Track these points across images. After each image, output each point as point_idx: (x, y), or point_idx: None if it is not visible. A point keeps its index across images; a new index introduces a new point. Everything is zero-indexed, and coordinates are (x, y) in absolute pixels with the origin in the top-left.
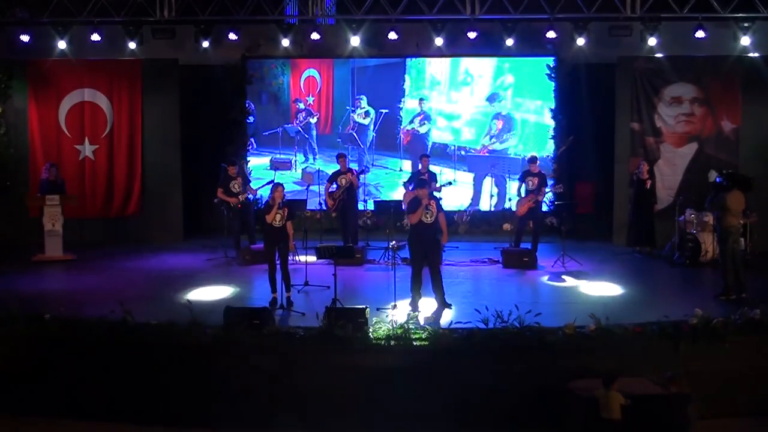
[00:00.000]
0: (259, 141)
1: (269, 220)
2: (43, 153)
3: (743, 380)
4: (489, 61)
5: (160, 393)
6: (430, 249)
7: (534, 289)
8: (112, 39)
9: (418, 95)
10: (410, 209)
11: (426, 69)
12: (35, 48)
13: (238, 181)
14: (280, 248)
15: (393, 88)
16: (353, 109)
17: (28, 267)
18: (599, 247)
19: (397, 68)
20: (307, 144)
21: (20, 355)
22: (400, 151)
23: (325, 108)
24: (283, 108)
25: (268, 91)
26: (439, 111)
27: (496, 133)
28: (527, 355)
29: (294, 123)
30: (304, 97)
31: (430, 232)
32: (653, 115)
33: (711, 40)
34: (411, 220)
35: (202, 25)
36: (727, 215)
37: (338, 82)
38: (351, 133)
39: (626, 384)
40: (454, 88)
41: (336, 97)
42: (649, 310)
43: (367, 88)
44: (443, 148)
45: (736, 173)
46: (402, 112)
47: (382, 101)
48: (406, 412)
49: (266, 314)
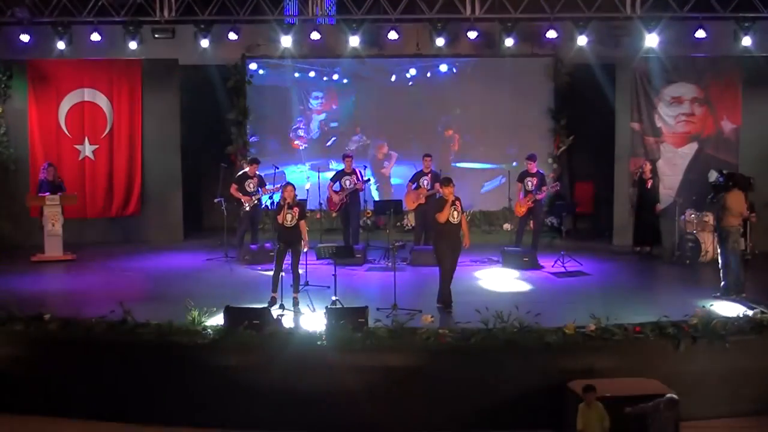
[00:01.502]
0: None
1: (280, 221)
2: (43, 153)
3: (743, 380)
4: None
5: (159, 393)
6: (457, 249)
7: (534, 289)
8: (112, 39)
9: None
10: (436, 208)
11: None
12: (35, 48)
13: (254, 180)
14: (293, 248)
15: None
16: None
17: (28, 267)
18: (599, 247)
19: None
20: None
21: (20, 355)
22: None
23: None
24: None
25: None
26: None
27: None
28: (527, 355)
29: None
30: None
31: (456, 231)
32: (653, 115)
33: (711, 40)
34: (439, 219)
35: (202, 25)
36: (727, 215)
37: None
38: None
39: (621, 384)
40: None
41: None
42: (649, 310)
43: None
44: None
45: (736, 173)
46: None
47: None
48: (406, 412)
49: (266, 314)
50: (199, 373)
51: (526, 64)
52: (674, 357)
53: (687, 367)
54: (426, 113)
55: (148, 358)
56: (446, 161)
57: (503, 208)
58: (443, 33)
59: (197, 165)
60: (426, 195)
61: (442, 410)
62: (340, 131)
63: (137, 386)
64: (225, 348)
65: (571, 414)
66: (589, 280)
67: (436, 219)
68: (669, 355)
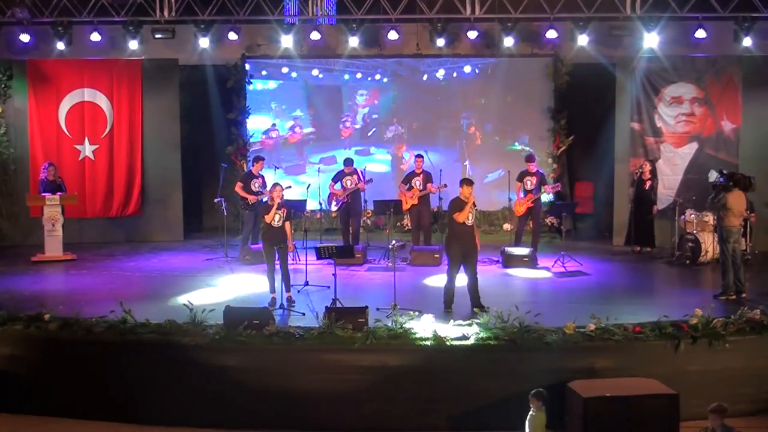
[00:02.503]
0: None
1: (268, 220)
2: (43, 153)
3: (743, 380)
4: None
5: (159, 393)
6: (471, 250)
7: (534, 289)
8: (112, 39)
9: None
10: (455, 208)
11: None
12: (35, 48)
13: (259, 180)
14: (280, 248)
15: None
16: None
17: (28, 267)
18: (599, 247)
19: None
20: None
21: (20, 355)
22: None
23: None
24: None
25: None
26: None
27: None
28: (527, 355)
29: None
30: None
31: (471, 233)
32: (653, 115)
33: (711, 40)
34: (458, 219)
35: (202, 25)
36: (728, 215)
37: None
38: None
39: (621, 384)
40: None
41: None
42: (649, 310)
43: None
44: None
45: (736, 173)
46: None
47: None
48: (406, 412)
49: (266, 314)
50: (199, 373)
51: (530, 63)
52: (674, 357)
53: (687, 367)
54: (451, 108)
55: (148, 358)
56: (472, 155)
57: (503, 208)
58: (443, 33)
59: (197, 165)
60: (418, 196)
61: (441, 410)
62: (379, 122)
63: (137, 386)
64: (225, 348)
65: (571, 414)
66: (589, 280)
67: (452, 219)
68: (669, 355)
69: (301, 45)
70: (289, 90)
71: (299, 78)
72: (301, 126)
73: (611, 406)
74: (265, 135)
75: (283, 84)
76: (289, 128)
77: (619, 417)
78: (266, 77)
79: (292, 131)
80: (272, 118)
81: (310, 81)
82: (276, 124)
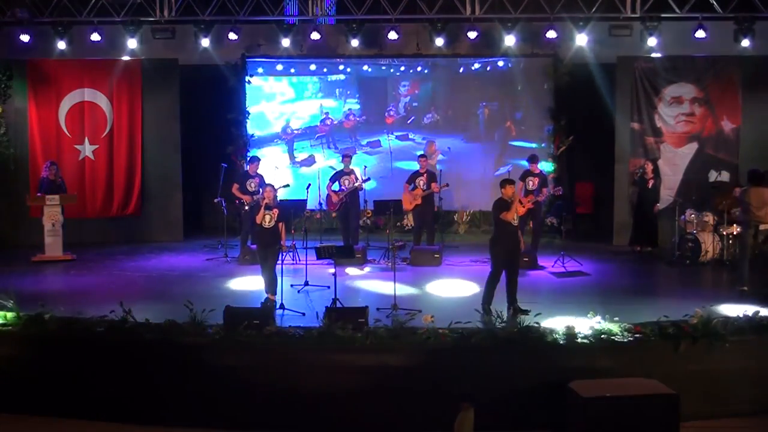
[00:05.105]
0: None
1: (258, 221)
2: (43, 153)
3: (743, 380)
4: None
5: (159, 393)
6: (516, 250)
7: (534, 289)
8: (112, 39)
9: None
10: (502, 208)
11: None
12: (35, 48)
13: (255, 180)
14: (269, 250)
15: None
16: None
17: (28, 267)
18: (599, 247)
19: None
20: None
21: (20, 355)
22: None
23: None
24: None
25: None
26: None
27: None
28: (527, 355)
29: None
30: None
31: (516, 233)
32: (653, 115)
33: (711, 40)
34: (506, 218)
35: (202, 25)
36: (749, 209)
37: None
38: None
39: (621, 384)
40: None
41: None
42: (649, 310)
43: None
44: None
45: (752, 170)
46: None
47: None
48: (405, 412)
49: (266, 314)
50: (199, 373)
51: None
52: (674, 357)
53: (687, 367)
54: (486, 99)
55: (148, 358)
56: (504, 146)
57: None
58: (443, 33)
59: (197, 165)
60: (422, 195)
61: (441, 410)
62: (418, 110)
63: (137, 386)
64: (225, 348)
65: (571, 414)
66: (589, 280)
67: (499, 219)
68: (669, 355)
69: (301, 45)
70: (340, 83)
71: (353, 71)
72: (355, 115)
73: (611, 406)
74: (321, 122)
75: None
76: (344, 115)
77: (619, 417)
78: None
79: (346, 117)
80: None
81: (361, 74)
82: (329, 113)
